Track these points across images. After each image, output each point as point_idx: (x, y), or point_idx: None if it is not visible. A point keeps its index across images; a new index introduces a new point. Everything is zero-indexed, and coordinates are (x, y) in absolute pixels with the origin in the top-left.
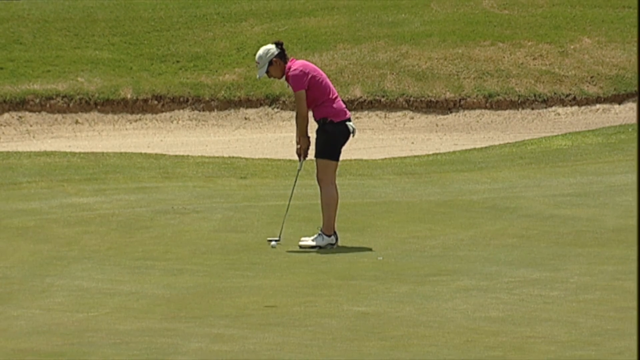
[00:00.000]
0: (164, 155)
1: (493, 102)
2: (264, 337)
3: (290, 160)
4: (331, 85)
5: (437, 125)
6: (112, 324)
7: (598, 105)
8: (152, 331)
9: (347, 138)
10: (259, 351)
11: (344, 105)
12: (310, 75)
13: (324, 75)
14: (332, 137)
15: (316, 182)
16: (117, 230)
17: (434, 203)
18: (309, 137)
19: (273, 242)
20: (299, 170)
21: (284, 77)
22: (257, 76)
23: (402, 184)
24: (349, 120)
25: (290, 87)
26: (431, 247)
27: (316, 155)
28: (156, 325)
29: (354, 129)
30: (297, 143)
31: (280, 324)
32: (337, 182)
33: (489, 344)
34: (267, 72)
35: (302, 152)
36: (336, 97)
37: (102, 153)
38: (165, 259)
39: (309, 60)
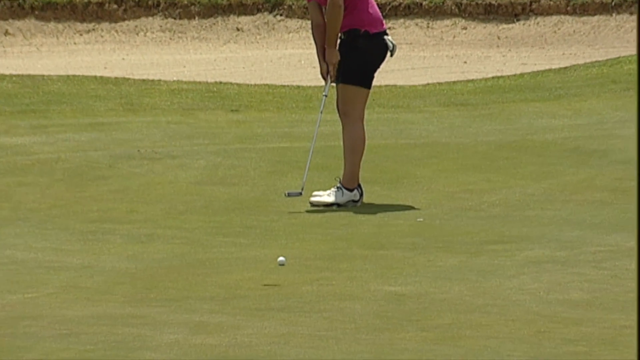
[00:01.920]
0: (127, 79)
1: (576, 5)
2: (263, 327)
3: (298, 87)
4: None
5: (498, 37)
6: (57, 309)
7: None
8: (112, 318)
9: (384, 58)
10: (256, 345)
11: (380, 13)
12: None
13: None
14: (366, 55)
15: (337, 117)
16: (63, 182)
17: (494, 145)
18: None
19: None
20: (324, 96)
21: None
22: None
23: (451, 118)
24: (386, 34)
25: None
26: (490, 205)
27: (341, 81)
28: (117, 311)
29: (393, 46)
30: (322, 60)
31: (284, 309)
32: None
33: (569, 337)
34: None
35: (332, 71)
36: (371, 1)
37: (42, 76)
38: (130, 220)
39: None
